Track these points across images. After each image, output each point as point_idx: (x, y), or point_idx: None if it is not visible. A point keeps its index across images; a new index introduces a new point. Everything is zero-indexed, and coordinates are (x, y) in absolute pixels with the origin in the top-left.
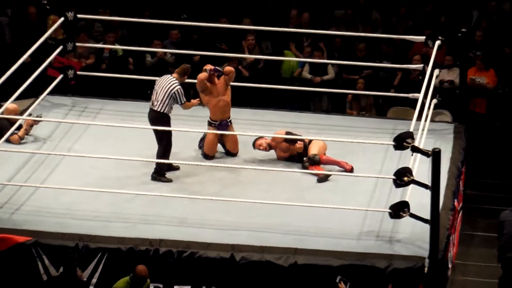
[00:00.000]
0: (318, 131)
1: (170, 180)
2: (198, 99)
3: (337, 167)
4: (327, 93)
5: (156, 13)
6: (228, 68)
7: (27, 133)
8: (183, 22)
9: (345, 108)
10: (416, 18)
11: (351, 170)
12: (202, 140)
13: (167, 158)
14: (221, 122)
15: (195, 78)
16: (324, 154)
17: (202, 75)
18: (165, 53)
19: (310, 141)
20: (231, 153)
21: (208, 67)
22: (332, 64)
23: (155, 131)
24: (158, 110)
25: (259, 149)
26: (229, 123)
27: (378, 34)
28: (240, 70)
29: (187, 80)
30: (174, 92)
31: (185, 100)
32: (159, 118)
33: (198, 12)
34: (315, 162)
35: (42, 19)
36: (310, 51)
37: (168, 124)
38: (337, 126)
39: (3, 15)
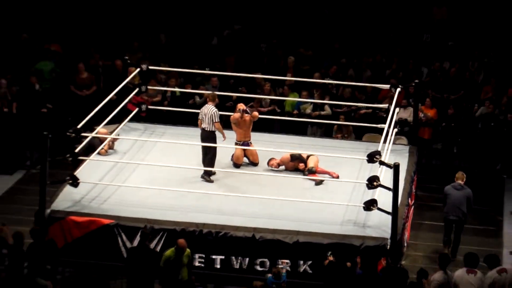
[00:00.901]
0: (314, 149)
1: (212, 181)
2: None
3: (327, 175)
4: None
5: (203, 63)
6: (255, 114)
7: (111, 148)
8: (219, 72)
9: (333, 134)
10: (383, 72)
11: (337, 178)
12: (233, 155)
13: (213, 165)
14: (244, 142)
15: (230, 111)
16: (318, 166)
17: (236, 115)
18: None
19: (308, 156)
20: (253, 163)
21: (241, 107)
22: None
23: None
24: (207, 129)
25: (271, 167)
26: (250, 143)
27: (357, 83)
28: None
29: (224, 113)
30: (212, 114)
31: (218, 120)
32: (208, 135)
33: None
34: (312, 172)
35: (125, 69)
36: (307, 94)
37: (215, 140)
38: (327, 146)
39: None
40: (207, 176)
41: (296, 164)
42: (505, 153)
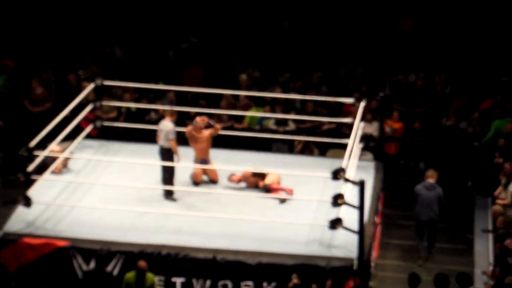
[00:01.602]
0: (277, 166)
1: (175, 200)
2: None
3: (283, 192)
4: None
5: (159, 77)
6: (218, 126)
7: (65, 166)
8: (177, 88)
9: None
10: (347, 85)
11: (291, 194)
12: (192, 173)
13: (172, 183)
14: (202, 160)
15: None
16: (278, 183)
17: (188, 128)
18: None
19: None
20: (213, 181)
21: (200, 119)
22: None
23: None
24: (164, 147)
25: (233, 182)
26: (209, 161)
27: (321, 97)
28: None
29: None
30: (167, 130)
31: (173, 137)
32: (165, 153)
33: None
34: (267, 189)
35: (78, 84)
36: (270, 109)
37: (172, 157)
38: (290, 163)
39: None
40: (169, 195)
41: (257, 181)
42: (474, 170)
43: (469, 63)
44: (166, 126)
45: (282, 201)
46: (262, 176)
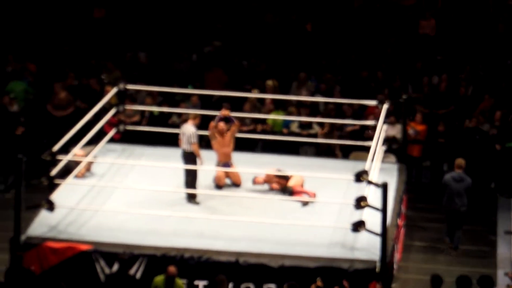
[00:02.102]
0: (300, 169)
1: (198, 203)
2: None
3: (306, 195)
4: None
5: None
6: (237, 122)
7: (88, 170)
8: (197, 91)
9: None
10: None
11: (314, 197)
12: (215, 176)
13: (195, 187)
14: (225, 163)
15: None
16: (302, 185)
17: (211, 124)
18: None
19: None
20: (235, 184)
21: (223, 113)
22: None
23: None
24: (186, 150)
25: (258, 184)
26: (231, 164)
27: (345, 100)
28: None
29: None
30: (190, 134)
31: (195, 141)
32: (187, 156)
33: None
34: (289, 191)
35: (101, 88)
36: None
37: (195, 161)
38: (313, 165)
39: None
40: (192, 199)
41: (280, 182)
42: (497, 171)
43: (491, 64)
44: (189, 129)
45: (305, 204)
46: (285, 178)
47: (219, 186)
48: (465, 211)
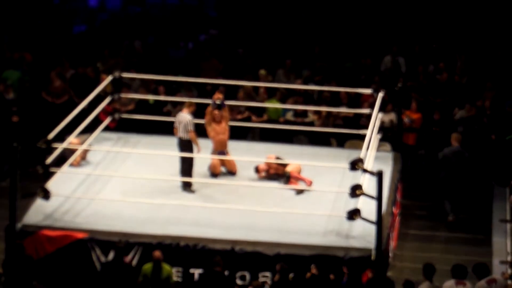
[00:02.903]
0: (295, 157)
1: (193, 191)
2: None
3: (302, 182)
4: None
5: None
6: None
7: (83, 158)
8: (194, 79)
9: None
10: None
11: (310, 184)
12: (210, 164)
13: (191, 175)
14: (220, 152)
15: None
16: (299, 172)
17: (207, 109)
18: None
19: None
20: (231, 172)
21: (217, 96)
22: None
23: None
24: (183, 138)
25: (262, 171)
26: (227, 153)
27: (340, 89)
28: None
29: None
30: (186, 122)
31: (192, 129)
32: (184, 144)
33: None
34: (288, 177)
35: (97, 77)
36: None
37: (191, 149)
38: (308, 154)
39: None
40: (188, 187)
41: (279, 169)
42: (492, 159)
43: (486, 52)
44: (185, 118)
45: (299, 192)
46: (283, 166)
47: (214, 174)
48: (464, 184)
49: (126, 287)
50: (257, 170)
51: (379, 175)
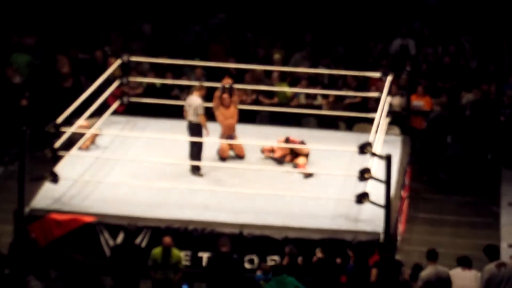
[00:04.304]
0: (305, 140)
1: (201, 175)
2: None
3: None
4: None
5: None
6: (239, 92)
7: (92, 142)
8: (203, 63)
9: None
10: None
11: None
12: (218, 148)
13: (200, 159)
14: (229, 136)
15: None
16: (304, 165)
17: (217, 93)
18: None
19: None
20: (239, 156)
21: (226, 81)
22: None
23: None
24: (193, 122)
25: (267, 149)
26: (235, 137)
27: (349, 72)
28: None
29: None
30: (196, 105)
31: (202, 112)
32: (193, 128)
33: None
34: (294, 165)
35: (105, 60)
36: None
37: (200, 132)
38: (317, 137)
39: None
40: (196, 170)
41: (287, 153)
42: (499, 142)
43: (495, 36)
44: (195, 101)
45: (307, 175)
46: (294, 154)
47: (223, 158)
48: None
49: (138, 269)
50: (262, 151)
51: (388, 158)
